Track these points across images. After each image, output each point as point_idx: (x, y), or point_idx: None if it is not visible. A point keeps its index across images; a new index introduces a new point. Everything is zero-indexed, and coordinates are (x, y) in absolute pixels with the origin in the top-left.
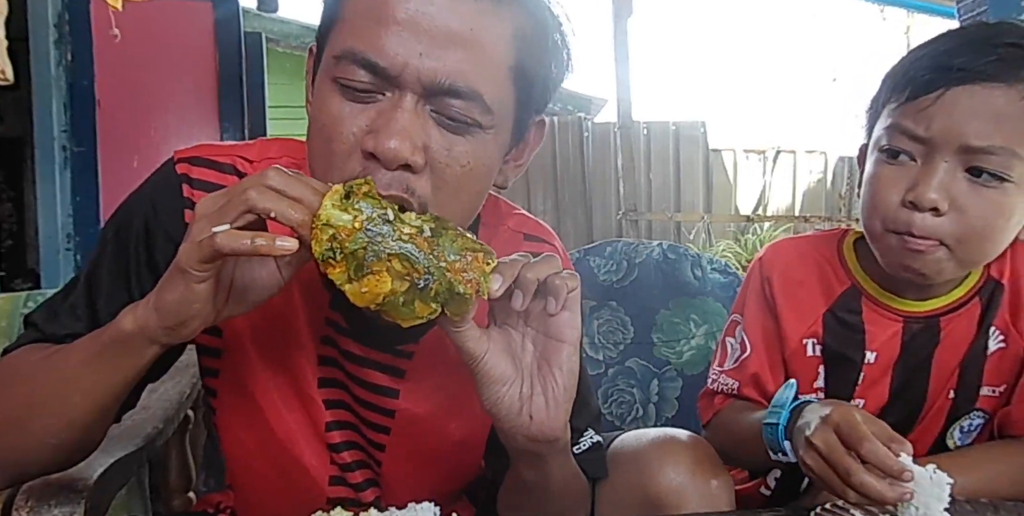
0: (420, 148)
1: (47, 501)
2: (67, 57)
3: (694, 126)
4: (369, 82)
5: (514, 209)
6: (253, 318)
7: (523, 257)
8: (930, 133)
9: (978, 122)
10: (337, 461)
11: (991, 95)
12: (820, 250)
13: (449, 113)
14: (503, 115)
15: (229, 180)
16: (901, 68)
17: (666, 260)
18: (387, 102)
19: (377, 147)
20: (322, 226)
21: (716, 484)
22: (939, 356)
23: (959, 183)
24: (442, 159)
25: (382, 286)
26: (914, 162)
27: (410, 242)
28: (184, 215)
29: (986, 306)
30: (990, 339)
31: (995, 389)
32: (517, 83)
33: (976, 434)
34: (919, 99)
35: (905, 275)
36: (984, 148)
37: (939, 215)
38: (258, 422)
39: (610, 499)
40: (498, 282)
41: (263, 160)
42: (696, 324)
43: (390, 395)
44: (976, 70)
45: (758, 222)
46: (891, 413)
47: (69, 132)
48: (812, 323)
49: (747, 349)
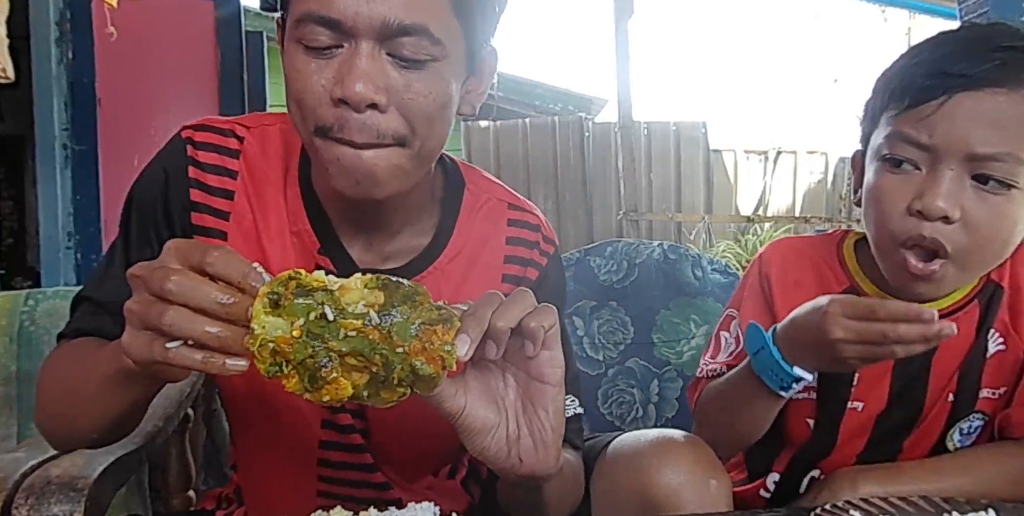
0: (383, 88)
1: (47, 499)
2: (68, 55)
3: (695, 126)
4: (328, 37)
5: (498, 182)
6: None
7: (490, 300)
8: (934, 141)
9: (983, 129)
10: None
11: (994, 101)
12: (819, 251)
13: (402, 53)
14: (452, 45)
15: (229, 142)
16: (897, 74)
17: (666, 260)
18: (347, 52)
19: (345, 92)
20: (260, 343)
21: (715, 485)
22: (938, 359)
23: (966, 191)
24: (404, 95)
25: (343, 391)
26: (918, 171)
27: (359, 336)
28: (188, 171)
29: (985, 309)
30: (990, 342)
31: (995, 391)
32: (460, 14)
33: (976, 436)
34: (920, 106)
35: (910, 291)
36: (991, 155)
37: (949, 223)
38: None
39: (608, 500)
40: (465, 345)
41: (259, 126)
42: (696, 324)
43: None
44: (978, 76)
45: (759, 223)
46: (890, 417)
47: (70, 130)
48: None
49: (742, 343)
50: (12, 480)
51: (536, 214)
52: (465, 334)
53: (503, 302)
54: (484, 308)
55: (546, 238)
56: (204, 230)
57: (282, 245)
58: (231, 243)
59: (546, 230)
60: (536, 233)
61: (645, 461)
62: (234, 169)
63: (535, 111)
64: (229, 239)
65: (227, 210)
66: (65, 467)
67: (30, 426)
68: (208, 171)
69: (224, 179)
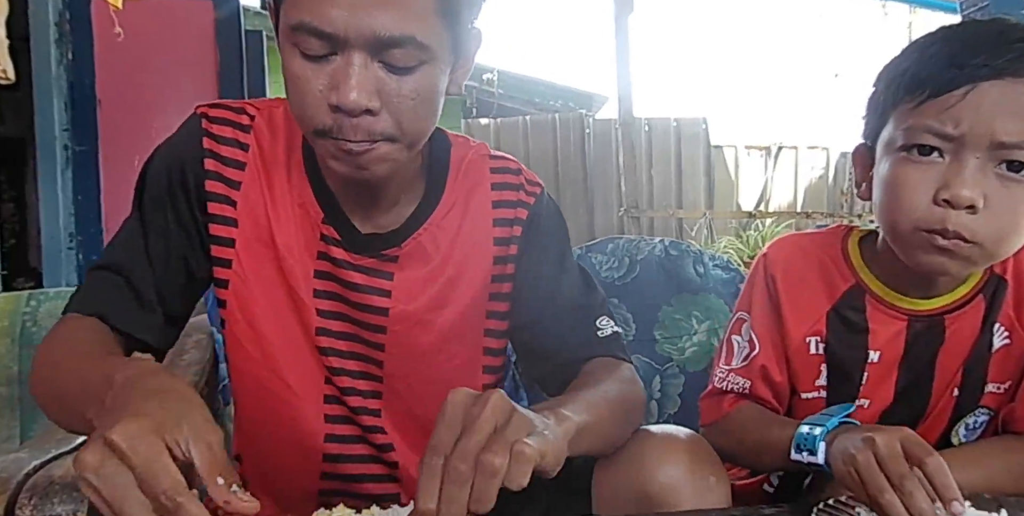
0: (375, 93)
1: (50, 499)
2: (68, 56)
3: (696, 122)
4: (322, 47)
5: (479, 141)
6: (256, 245)
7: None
8: (960, 130)
9: (1008, 117)
10: (327, 365)
11: (1017, 90)
12: (824, 247)
13: (393, 61)
14: (439, 45)
15: (241, 118)
16: (908, 68)
17: (668, 257)
18: (341, 60)
19: (340, 100)
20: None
21: (714, 481)
22: (943, 355)
23: (990, 179)
24: (395, 98)
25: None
26: (941, 159)
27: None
28: (203, 142)
29: (990, 303)
30: (994, 336)
31: (1000, 386)
32: (444, 16)
33: (981, 431)
34: (942, 97)
35: (932, 274)
36: (1016, 143)
37: (974, 212)
38: (260, 344)
39: (608, 495)
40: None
41: (266, 107)
42: (698, 321)
43: (383, 295)
44: (1000, 66)
45: (760, 218)
46: (895, 412)
47: (71, 131)
48: (815, 321)
49: (756, 347)
50: (16, 480)
51: (515, 160)
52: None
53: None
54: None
55: (529, 180)
56: (216, 197)
57: (288, 215)
58: (239, 210)
59: (527, 174)
60: (518, 176)
61: (645, 457)
62: (246, 143)
63: (535, 108)
64: (238, 207)
65: (238, 180)
66: (68, 467)
67: (33, 426)
68: (221, 143)
69: (236, 151)
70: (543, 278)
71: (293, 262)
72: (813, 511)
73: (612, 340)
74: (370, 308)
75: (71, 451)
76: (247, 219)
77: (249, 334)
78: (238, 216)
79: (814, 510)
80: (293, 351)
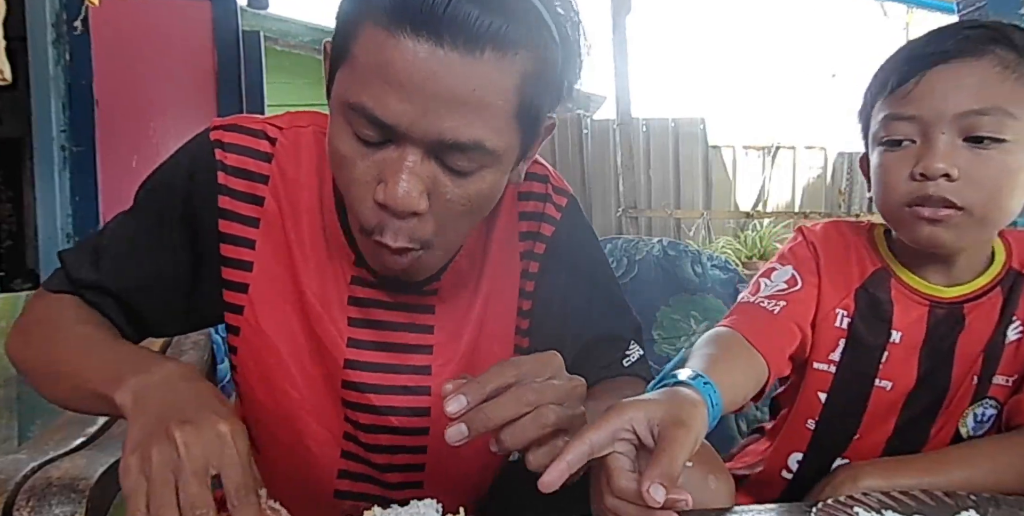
0: (424, 195)
1: (48, 501)
2: (65, 57)
3: (693, 123)
4: (378, 135)
5: None
6: (275, 291)
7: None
8: (919, 111)
9: (960, 91)
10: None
11: (966, 68)
12: (854, 232)
13: (452, 164)
14: (508, 149)
15: (260, 144)
16: (880, 72)
17: (666, 257)
18: (394, 152)
19: (387, 200)
20: None
21: (713, 480)
22: (963, 342)
23: (960, 151)
24: (447, 201)
25: None
26: (913, 143)
27: None
28: (218, 176)
29: (1007, 296)
30: (1010, 329)
31: (1008, 378)
32: (522, 121)
33: (989, 425)
34: (901, 87)
35: (929, 246)
36: (975, 110)
37: (951, 181)
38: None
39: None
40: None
41: (291, 128)
42: (697, 321)
43: (424, 331)
44: (944, 50)
45: (758, 218)
46: (918, 397)
47: (68, 132)
48: (846, 296)
49: (798, 283)
50: (13, 481)
51: (543, 164)
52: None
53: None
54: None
55: (557, 189)
56: (232, 239)
57: (315, 253)
58: (259, 252)
59: (555, 181)
60: (545, 185)
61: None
62: (264, 174)
63: None
64: (257, 248)
65: (256, 217)
66: (66, 468)
67: (31, 427)
68: (237, 175)
69: (254, 185)
70: (567, 304)
71: (322, 310)
72: (813, 511)
73: (638, 365)
74: (411, 348)
75: (70, 452)
76: (267, 261)
77: (262, 385)
78: (255, 259)
79: (813, 510)
80: (314, 402)
